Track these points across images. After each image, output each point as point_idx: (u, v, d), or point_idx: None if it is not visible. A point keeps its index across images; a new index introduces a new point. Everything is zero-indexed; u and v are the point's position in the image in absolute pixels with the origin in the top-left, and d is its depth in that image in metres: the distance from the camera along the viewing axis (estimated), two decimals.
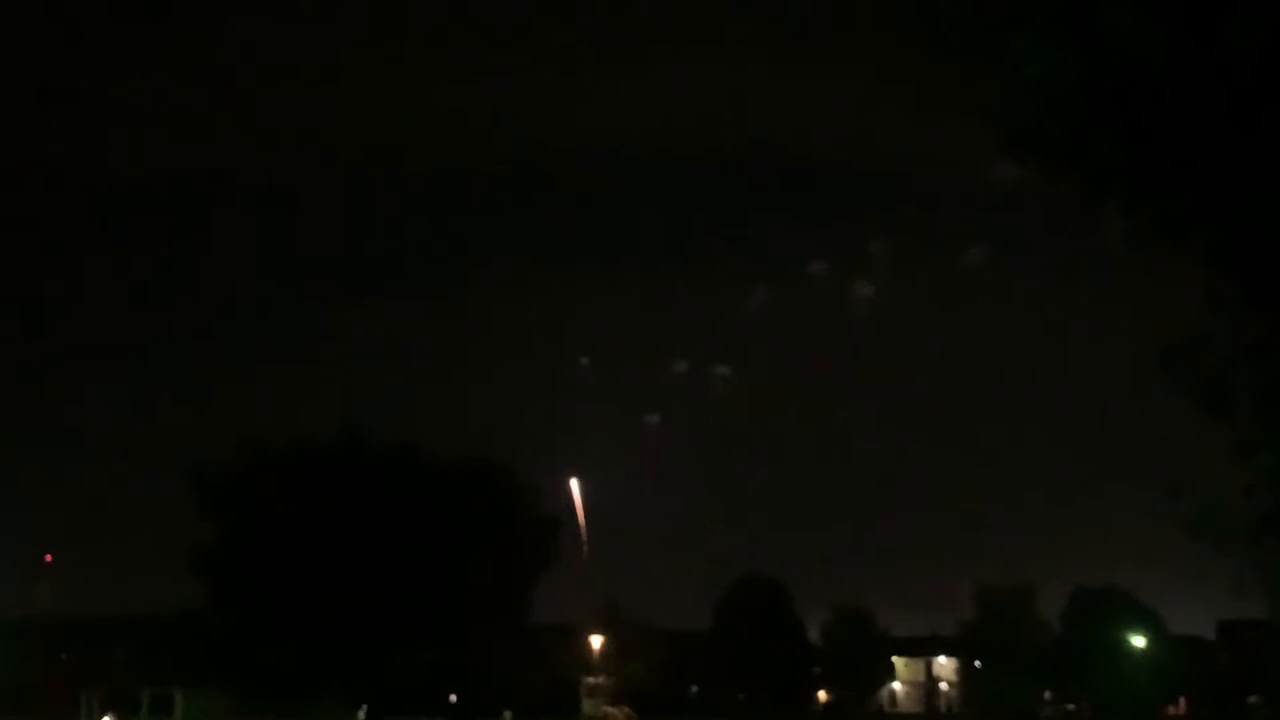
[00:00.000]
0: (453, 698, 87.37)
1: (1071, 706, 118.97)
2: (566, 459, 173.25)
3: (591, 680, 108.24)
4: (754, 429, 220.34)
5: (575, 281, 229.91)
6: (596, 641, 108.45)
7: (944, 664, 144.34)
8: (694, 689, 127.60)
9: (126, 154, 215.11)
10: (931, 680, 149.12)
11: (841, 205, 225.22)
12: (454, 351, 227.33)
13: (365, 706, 63.04)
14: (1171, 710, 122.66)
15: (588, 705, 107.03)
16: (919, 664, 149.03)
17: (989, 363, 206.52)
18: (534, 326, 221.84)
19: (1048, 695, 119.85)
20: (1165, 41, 13.23)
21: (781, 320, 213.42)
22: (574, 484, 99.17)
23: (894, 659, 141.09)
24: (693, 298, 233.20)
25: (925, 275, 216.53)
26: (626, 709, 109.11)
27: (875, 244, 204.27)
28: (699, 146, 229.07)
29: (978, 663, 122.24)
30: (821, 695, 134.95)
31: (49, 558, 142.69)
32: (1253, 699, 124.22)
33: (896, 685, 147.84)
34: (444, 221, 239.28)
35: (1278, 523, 15.19)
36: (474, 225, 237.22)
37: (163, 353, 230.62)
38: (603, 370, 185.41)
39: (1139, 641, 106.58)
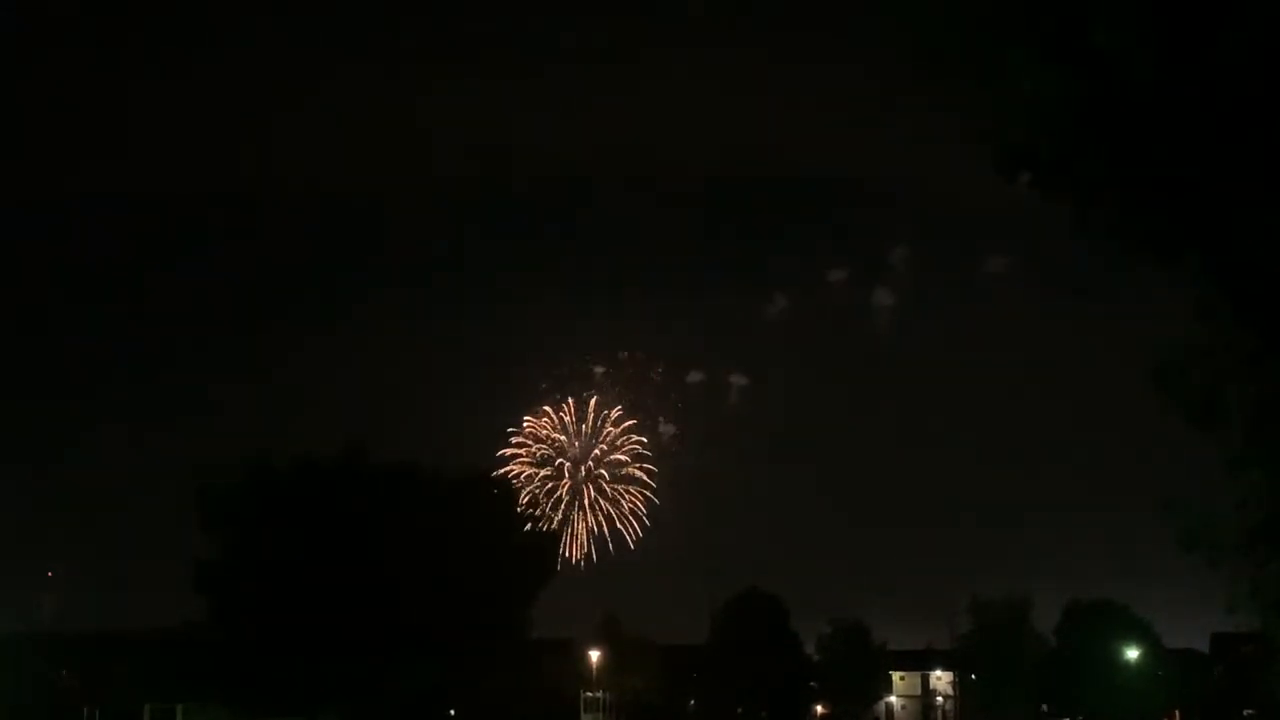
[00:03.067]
0: (451, 712, 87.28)
1: (1066, 719, 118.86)
2: None
3: (590, 695, 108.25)
4: (763, 441, 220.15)
5: (589, 292, 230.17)
6: (595, 656, 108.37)
7: (940, 677, 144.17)
8: (691, 703, 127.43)
9: (126, 168, 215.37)
10: (928, 693, 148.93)
11: (859, 215, 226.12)
12: (462, 364, 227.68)
13: None
14: None
15: (587, 719, 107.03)
16: (915, 677, 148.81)
17: (989, 376, 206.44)
18: (545, 338, 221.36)
19: (1043, 708, 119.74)
20: (1154, 62, 13.44)
21: (799, 330, 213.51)
22: None
23: (891, 672, 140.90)
24: (710, 307, 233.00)
25: (939, 287, 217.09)
26: None
27: (894, 254, 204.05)
28: (716, 158, 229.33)
29: (974, 676, 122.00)
30: (818, 709, 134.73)
31: (50, 574, 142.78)
32: (1247, 712, 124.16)
33: (893, 699, 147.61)
34: (449, 235, 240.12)
35: (1269, 536, 15.36)
36: (480, 239, 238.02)
37: (164, 368, 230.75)
38: (617, 378, 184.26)
39: (1133, 654, 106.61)
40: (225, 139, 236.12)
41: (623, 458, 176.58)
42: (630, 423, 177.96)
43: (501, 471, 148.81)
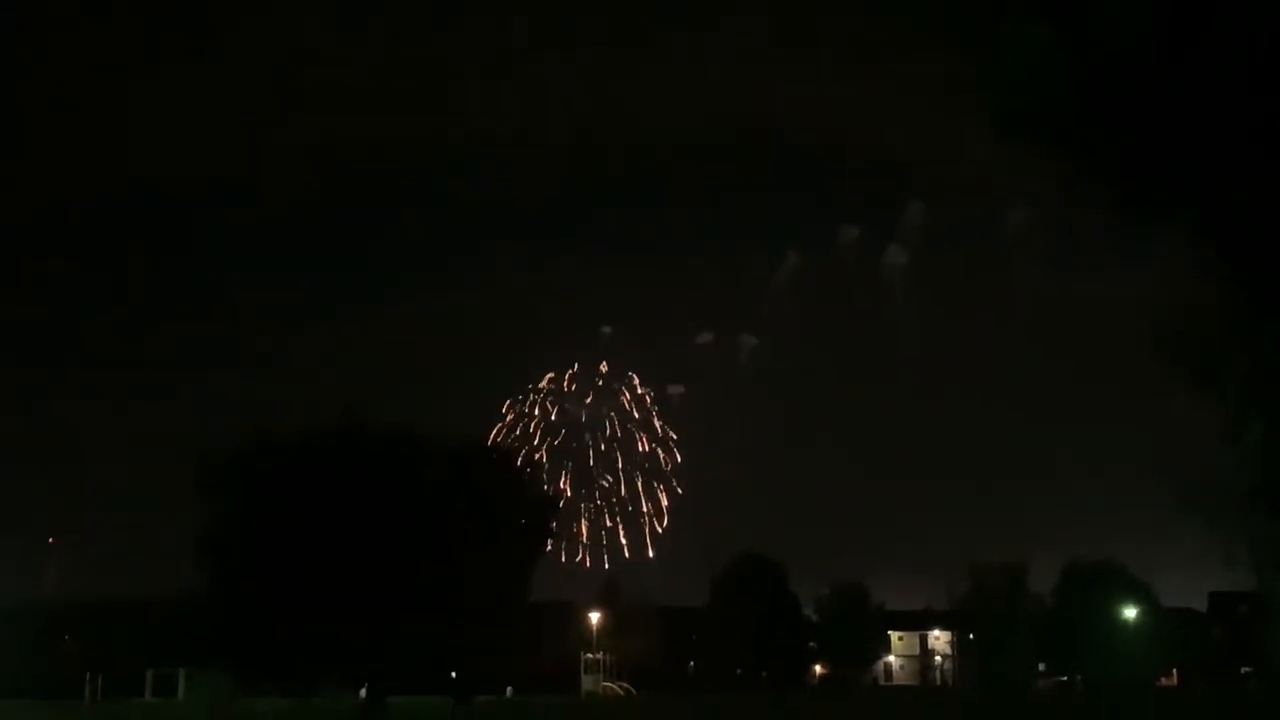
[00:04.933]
0: (454, 674, 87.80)
1: (1064, 678, 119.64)
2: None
3: (590, 657, 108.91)
4: (768, 403, 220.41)
5: (598, 253, 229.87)
6: (595, 619, 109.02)
7: (939, 637, 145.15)
8: (691, 665, 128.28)
9: (126, 151, 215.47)
10: (926, 654, 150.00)
11: (871, 174, 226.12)
12: (470, 328, 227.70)
13: (365, 686, 63.42)
14: (1164, 681, 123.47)
15: (587, 681, 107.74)
16: (914, 638, 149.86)
17: (995, 335, 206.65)
18: (553, 304, 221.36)
19: (1041, 667, 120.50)
20: (1152, 24, 13.42)
21: (810, 289, 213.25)
22: None
23: (889, 633, 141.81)
24: (722, 267, 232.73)
25: (952, 244, 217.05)
26: (624, 685, 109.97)
27: (908, 212, 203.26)
28: (728, 122, 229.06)
29: (971, 636, 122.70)
30: (817, 669, 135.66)
31: (51, 541, 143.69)
32: (1244, 669, 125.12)
33: (892, 659, 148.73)
34: (458, 201, 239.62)
35: (1267, 496, 15.45)
36: (493, 205, 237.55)
37: (164, 340, 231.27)
38: (625, 341, 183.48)
39: (1131, 614, 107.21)
40: (235, 120, 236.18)
41: (638, 436, 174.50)
42: (644, 392, 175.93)
43: (502, 437, 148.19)
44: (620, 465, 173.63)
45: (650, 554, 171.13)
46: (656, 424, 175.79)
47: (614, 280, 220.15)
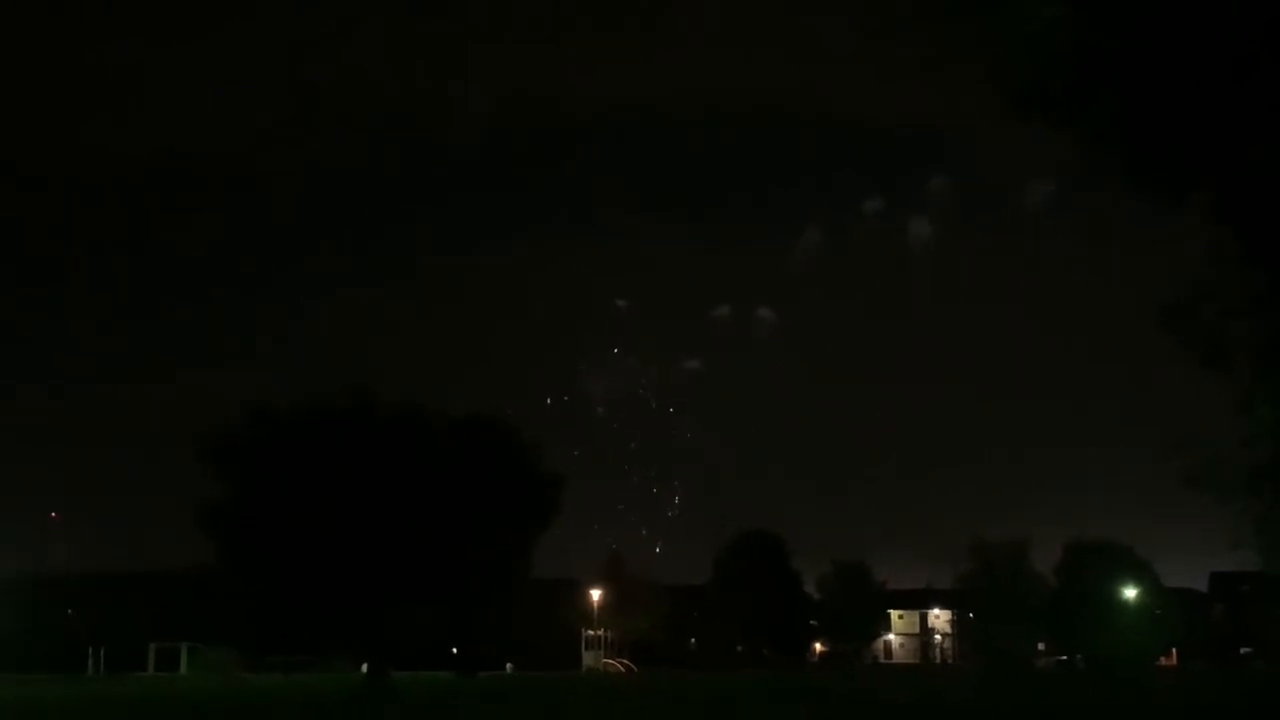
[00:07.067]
0: (455, 650, 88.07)
1: (1065, 658, 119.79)
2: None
3: (591, 633, 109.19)
4: (778, 379, 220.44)
5: (614, 226, 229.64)
6: (597, 595, 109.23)
7: (939, 616, 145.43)
8: (692, 642, 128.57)
9: (138, 127, 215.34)
10: (927, 632, 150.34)
11: (896, 149, 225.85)
12: (487, 306, 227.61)
13: (366, 662, 63.67)
14: (1164, 661, 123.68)
15: (588, 658, 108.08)
16: (915, 616, 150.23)
17: (1003, 316, 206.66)
18: (572, 273, 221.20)
19: (1041, 647, 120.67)
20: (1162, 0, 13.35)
21: (829, 263, 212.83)
22: None
23: (890, 611, 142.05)
24: (740, 242, 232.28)
25: (975, 218, 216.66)
26: (625, 661, 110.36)
27: (932, 185, 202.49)
28: (746, 97, 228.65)
29: (972, 615, 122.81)
30: (818, 646, 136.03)
31: (55, 516, 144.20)
32: (1244, 650, 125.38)
33: (892, 637, 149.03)
34: (478, 177, 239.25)
35: (1275, 474, 15.43)
36: (509, 181, 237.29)
37: (172, 315, 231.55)
38: (641, 314, 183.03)
39: (1132, 593, 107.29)
40: (242, 96, 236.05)
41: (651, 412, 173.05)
42: (659, 368, 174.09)
43: (513, 415, 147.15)
44: (632, 445, 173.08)
45: (659, 540, 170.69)
46: (670, 401, 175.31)
47: (630, 255, 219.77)
